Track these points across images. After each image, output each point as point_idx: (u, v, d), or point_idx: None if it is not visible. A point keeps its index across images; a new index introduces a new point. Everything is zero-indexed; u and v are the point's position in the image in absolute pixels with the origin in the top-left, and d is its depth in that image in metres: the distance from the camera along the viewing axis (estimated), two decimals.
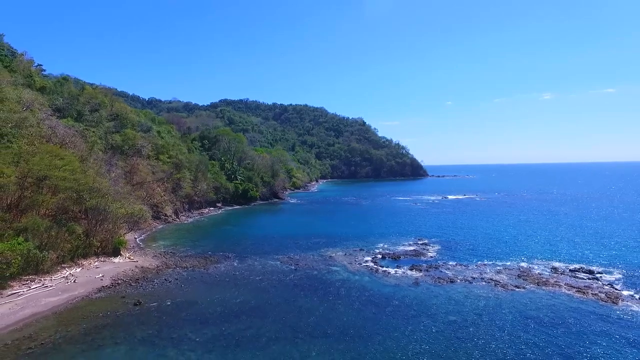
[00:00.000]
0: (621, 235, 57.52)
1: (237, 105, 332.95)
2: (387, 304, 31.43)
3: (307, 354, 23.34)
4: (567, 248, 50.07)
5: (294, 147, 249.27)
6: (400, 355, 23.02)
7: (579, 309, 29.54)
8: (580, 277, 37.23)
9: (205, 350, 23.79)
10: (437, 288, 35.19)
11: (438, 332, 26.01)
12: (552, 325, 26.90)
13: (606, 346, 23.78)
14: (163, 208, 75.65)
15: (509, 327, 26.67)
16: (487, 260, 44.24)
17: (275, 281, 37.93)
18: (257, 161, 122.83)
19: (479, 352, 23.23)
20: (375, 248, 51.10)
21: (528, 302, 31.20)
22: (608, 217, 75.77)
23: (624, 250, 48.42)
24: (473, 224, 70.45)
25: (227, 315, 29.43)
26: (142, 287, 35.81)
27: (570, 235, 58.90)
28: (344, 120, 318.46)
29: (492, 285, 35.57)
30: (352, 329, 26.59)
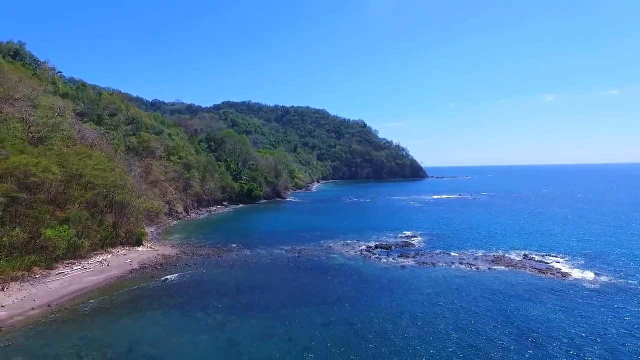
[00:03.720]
0: (590, 230, 63.04)
1: (240, 107, 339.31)
2: (376, 281, 37.19)
3: (308, 315, 29.04)
4: (541, 240, 55.65)
5: (295, 149, 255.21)
6: (384, 315, 28.73)
7: (534, 284, 35.31)
8: (545, 262, 42.91)
9: (227, 313, 29.55)
10: (420, 270, 40.92)
11: (417, 301, 31.74)
12: (508, 294, 32.62)
13: (546, 308, 29.39)
14: (175, 205, 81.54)
15: (474, 296, 32.41)
16: (468, 249, 49.90)
17: (281, 265, 43.75)
18: (261, 162, 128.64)
19: (449, 314, 28.92)
20: (370, 240, 56.76)
21: (494, 279, 36.95)
22: (583, 215, 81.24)
23: (589, 242, 53.95)
24: (460, 220, 76.19)
25: (241, 289, 35.19)
26: (166, 270, 41.61)
27: (546, 229, 64.43)
28: (345, 122, 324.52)
29: (468, 267, 41.30)
30: (345, 299, 32.36)
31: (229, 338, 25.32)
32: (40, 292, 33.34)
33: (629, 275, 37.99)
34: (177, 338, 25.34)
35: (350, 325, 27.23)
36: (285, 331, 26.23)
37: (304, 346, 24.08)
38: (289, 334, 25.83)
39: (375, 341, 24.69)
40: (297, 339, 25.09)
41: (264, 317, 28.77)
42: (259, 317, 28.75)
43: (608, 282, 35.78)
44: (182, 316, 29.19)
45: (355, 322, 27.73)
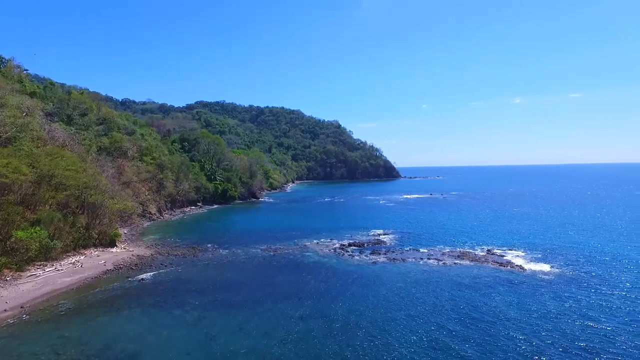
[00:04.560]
0: (547, 227, 67.17)
1: (214, 107, 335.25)
2: (348, 276, 38.83)
3: (284, 310, 30.27)
4: (503, 236, 58.99)
5: (270, 149, 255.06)
6: (357, 308, 30.31)
7: (495, 276, 37.88)
8: (505, 256, 45.82)
9: (204, 310, 30.37)
10: (391, 266, 42.88)
11: (387, 294, 33.53)
12: (471, 286, 34.95)
13: (504, 298, 31.79)
14: (148, 206, 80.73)
15: (440, 288, 34.55)
16: (436, 246, 52.38)
17: (257, 264, 44.74)
18: (235, 162, 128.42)
19: (416, 304, 30.80)
20: (343, 238, 58.44)
21: (459, 272, 39.33)
22: (542, 212, 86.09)
23: (546, 237, 57.64)
24: (430, 218, 79.27)
25: (218, 287, 36.00)
26: (142, 270, 41.79)
27: (508, 226, 68.14)
28: (319, 122, 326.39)
29: (435, 263, 43.60)
30: (320, 294, 33.78)
31: (207, 333, 26.23)
32: (12, 294, 33.05)
33: (578, 266, 41.21)
34: (155, 334, 26.02)
35: (324, 317, 28.65)
36: (262, 325, 27.35)
37: (280, 339, 25.29)
38: (265, 328, 26.97)
39: (348, 332, 26.18)
40: (273, 332, 26.26)
41: (240, 313, 29.77)
42: (236, 313, 29.73)
43: (560, 273, 38.79)
44: (160, 314, 29.80)
45: (329, 315, 29.17)
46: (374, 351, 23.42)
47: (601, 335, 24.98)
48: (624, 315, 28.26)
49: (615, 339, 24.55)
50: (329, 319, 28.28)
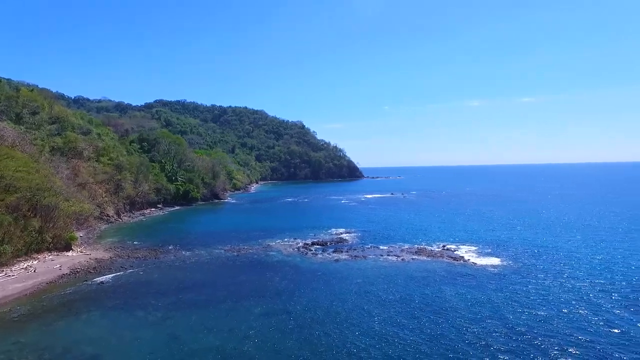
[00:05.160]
0: (498, 223, 71.64)
1: (174, 106, 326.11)
2: (312, 274, 39.93)
3: (248, 308, 30.87)
4: (458, 232, 62.37)
5: (233, 150, 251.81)
6: (319, 304, 31.43)
7: (449, 270, 40.36)
8: (459, 251, 48.69)
9: (167, 310, 30.39)
10: (352, 263, 44.42)
11: (348, 289, 34.92)
12: (427, 279, 37.11)
13: (456, 289, 34.07)
14: (105, 209, 78.05)
15: (398, 282, 36.42)
16: (395, 243, 54.59)
17: (220, 264, 44.90)
18: (198, 163, 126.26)
19: (375, 298, 32.36)
20: (307, 238, 59.48)
21: (416, 267, 41.52)
22: (494, 210, 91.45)
23: (496, 233, 61.58)
24: (390, 216, 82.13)
25: (181, 288, 35.96)
26: (100, 273, 40.83)
27: (463, 223, 71.97)
28: (283, 123, 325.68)
29: (394, 259, 45.63)
30: (283, 291, 34.64)
31: (170, 333, 26.40)
32: None
33: (524, 259, 44.57)
34: (117, 336, 25.86)
35: (288, 314, 29.55)
36: (226, 323, 27.85)
37: (244, 335, 25.92)
38: (229, 325, 27.49)
39: (310, 326, 27.22)
40: (237, 329, 26.85)
41: (204, 312, 30.07)
42: (200, 312, 30.00)
43: (507, 266, 41.85)
44: (121, 316, 29.52)
45: (292, 311, 30.09)
46: (331, 344, 24.54)
47: (538, 321, 27.48)
48: (560, 303, 31.06)
49: (550, 323, 27.08)
50: (291, 315, 29.20)
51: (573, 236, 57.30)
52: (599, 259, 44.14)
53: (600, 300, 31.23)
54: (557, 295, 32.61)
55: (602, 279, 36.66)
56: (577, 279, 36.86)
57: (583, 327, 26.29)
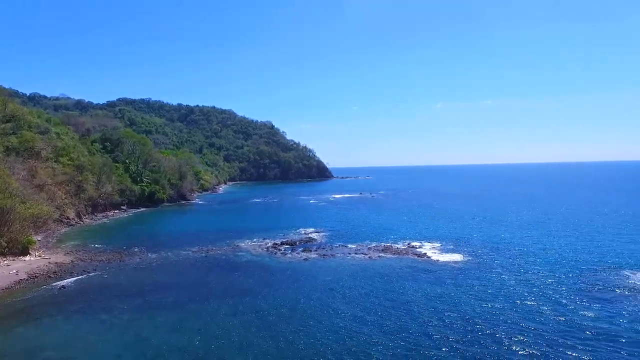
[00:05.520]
0: (461, 221, 74.78)
1: (138, 104, 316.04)
2: (281, 273, 40.45)
3: (217, 308, 31.00)
4: (423, 230, 64.68)
5: (201, 150, 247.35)
6: (288, 302, 32.00)
7: (414, 266, 42.04)
8: (424, 248, 50.66)
9: (133, 313, 30.02)
10: (321, 262, 45.27)
11: (316, 287, 35.69)
12: (392, 276, 38.54)
13: (420, 285, 35.62)
14: (66, 211, 75.13)
15: (365, 279, 37.60)
16: (363, 242, 55.93)
17: (188, 265, 44.55)
18: (164, 163, 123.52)
19: (342, 295, 33.29)
20: (276, 238, 59.80)
21: (382, 264, 42.93)
22: (458, 208, 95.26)
23: (459, 230, 64.32)
24: (358, 216, 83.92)
25: (147, 290, 35.52)
26: (62, 277, 39.57)
27: (428, 221, 74.61)
28: (252, 123, 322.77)
29: (362, 257, 46.90)
30: (252, 290, 34.97)
31: (138, 335, 26.19)
32: None
33: (483, 255, 46.95)
34: (81, 340, 25.40)
35: (257, 312, 29.94)
36: (194, 323, 27.91)
37: (213, 334, 26.10)
38: (197, 325, 27.57)
39: (280, 324, 27.71)
40: (206, 329, 26.99)
41: (173, 313, 29.94)
42: (167, 314, 29.85)
43: (468, 261, 44.01)
44: (85, 320, 28.92)
45: (261, 309, 30.50)
46: (297, 340, 25.06)
47: (493, 313, 29.20)
48: (514, 295, 33.06)
49: (505, 314, 28.83)
50: (261, 314, 29.61)
51: (529, 232, 60.70)
52: (550, 253, 47.11)
53: (549, 292, 33.55)
54: (512, 288, 34.69)
55: (553, 272, 39.26)
56: (530, 273, 39.29)
57: (533, 317, 28.21)
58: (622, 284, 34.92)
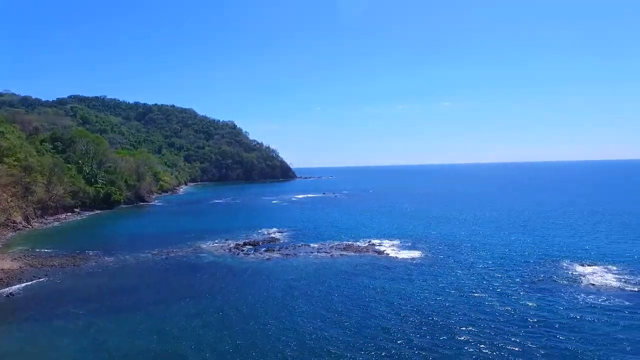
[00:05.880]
0: (420, 219, 77.80)
1: (92, 102, 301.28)
2: (244, 273, 40.61)
3: (179, 309, 30.80)
4: (383, 229, 66.69)
5: (160, 150, 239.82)
6: (251, 301, 32.32)
7: (373, 263, 43.55)
8: (383, 246, 52.44)
9: (91, 317, 29.21)
10: (284, 261, 45.79)
11: (279, 286, 36.22)
12: (353, 273, 39.83)
13: (379, 280, 37.06)
14: (11, 214, 70.86)
15: (326, 276, 38.60)
16: (325, 241, 56.92)
17: (148, 268, 43.66)
18: (120, 164, 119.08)
19: (304, 292, 34.01)
20: (239, 238, 59.57)
21: (344, 262, 44.11)
22: (418, 207, 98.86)
23: (417, 228, 66.94)
24: (321, 215, 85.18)
25: (105, 294, 34.60)
26: (9, 284, 37.61)
27: (387, 220, 76.98)
28: (214, 122, 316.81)
29: (324, 255, 47.89)
30: (215, 291, 34.98)
31: (96, 339, 25.62)
32: None
33: (439, 251, 49.29)
34: (34, 346, 24.56)
35: (220, 312, 30.05)
36: (156, 325, 27.62)
37: (175, 335, 26.00)
38: (159, 327, 27.32)
39: (241, 323, 28.00)
40: (168, 330, 26.81)
41: (132, 316, 29.46)
42: (128, 317, 29.34)
43: (425, 257, 46.08)
44: (37, 327, 27.86)
45: (224, 309, 30.62)
46: (261, 340, 25.45)
47: (447, 306, 30.89)
48: (467, 289, 35.03)
49: (457, 307, 30.58)
50: (224, 314, 29.75)
51: (481, 229, 64.10)
52: (500, 248, 50.14)
53: (497, 284, 35.92)
54: (464, 282, 36.80)
55: (501, 266, 41.95)
56: (480, 267, 41.74)
57: (482, 308, 30.18)
58: (561, 275, 38.00)
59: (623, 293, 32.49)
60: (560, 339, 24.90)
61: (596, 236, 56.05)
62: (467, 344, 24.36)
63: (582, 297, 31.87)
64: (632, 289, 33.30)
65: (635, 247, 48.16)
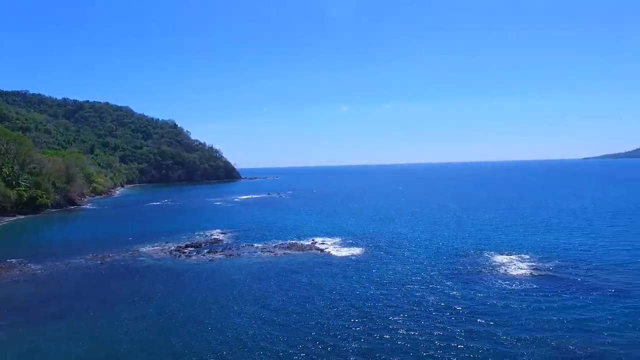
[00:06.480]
0: (364, 217, 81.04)
1: (12, 97, 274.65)
2: (185, 275, 40.20)
3: (116, 314, 29.98)
4: (325, 227, 68.69)
5: (93, 150, 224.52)
6: (192, 302, 32.24)
7: (315, 260, 45.13)
8: (326, 244, 54.27)
9: (17, 327, 27.51)
10: (227, 261, 45.85)
11: (222, 286, 36.43)
12: (295, 270, 41.03)
13: (319, 276, 38.60)
14: None
15: (269, 274, 39.48)
16: (269, 240, 57.56)
17: (82, 274, 41.66)
18: (47, 165, 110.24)
19: (247, 290, 34.56)
20: (180, 241, 58.32)
21: (287, 261, 45.20)
22: (359, 207, 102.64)
23: (358, 226, 69.81)
24: (265, 215, 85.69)
25: (34, 303, 32.74)
26: None
27: (330, 218, 79.28)
28: (153, 121, 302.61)
29: (268, 254, 48.61)
30: (155, 294, 34.37)
31: (24, 348, 24.34)
32: None
33: (379, 248, 51.94)
34: None
35: (161, 315, 29.70)
36: (92, 331, 26.78)
37: (113, 340, 25.39)
38: (96, 332, 26.54)
39: (183, 325, 27.89)
40: (104, 335, 26.10)
41: (66, 323, 28.27)
42: (60, 324, 28.11)
43: (365, 254, 48.45)
44: None
45: (165, 312, 30.29)
46: (203, 340, 25.66)
47: (383, 298, 32.90)
48: (403, 282, 37.43)
49: (394, 299, 32.70)
50: (165, 317, 29.45)
51: (419, 226, 68.21)
52: (435, 242, 53.86)
53: (430, 276, 38.77)
54: (399, 276, 39.18)
55: (436, 259, 45.17)
56: (416, 261, 44.62)
57: (414, 299, 32.48)
58: (484, 265, 41.97)
59: (533, 278, 36.81)
60: (480, 322, 27.75)
61: (515, 229, 62.17)
62: (398, 331, 26.37)
63: (499, 283, 35.67)
64: (540, 274, 37.83)
65: (547, 238, 54.25)
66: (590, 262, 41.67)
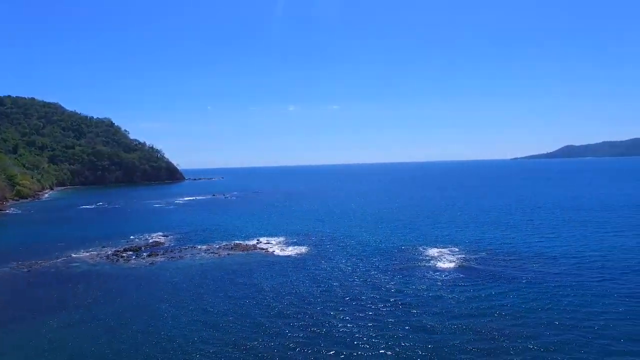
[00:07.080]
0: (309, 217, 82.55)
1: None
2: (124, 280, 38.99)
3: (46, 322, 28.52)
4: (271, 228, 69.15)
5: (16, 150, 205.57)
6: (130, 308, 31.46)
7: (259, 260, 45.68)
8: (270, 243, 54.93)
9: None
10: (169, 264, 44.94)
11: (163, 288, 35.85)
12: (238, 270, 41.34)
13: (262, 275, 39.28)
14: None
15: (213, 276, 39.42)
16: (213, 242, 56.94)
17: (7, 283, 39.20)
18: None
19: (190, 293, 34.31)
20: (118, 245, 55.96)
21: (230, 261, 45.30)
22: (307, 206, 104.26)
23: (303, 226, 71.14)
24: (209, 217, 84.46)
25: None
26: None
27: (275, 219, 79.96)
28: (87, 119, 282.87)
29: (211, 256, 48.29)
30: (91, 300, 33.11)
31: None
32: None
33: (323, 246, 53.41)
34: None
35: (96, 321, 28.72)
36: (17, 340, 25.48)
37: (42, 349, 24.32)
38: (23, 342, 25.22)
39: (121, 329, 27.22)
40: (32, 345, 24.91)
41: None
42: None
43: (308, 252, 49.70)
44: None
45: (103, 318, 29.30)
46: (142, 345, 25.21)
47: (325, 294, 34.29)
48: (344, 277, 39.10)
49: (334, 293, 34.21)
50: (103, 322, 28.52)
51: (363, 224, 70.78)
52: (377, 239, 56.47)
53: (367, 271, 40.85)
54: (342, 272, 40.87)
55: (377, 255, 47.43)
56: (358, 257, 46.54)
57: (356, 293, 34.08)
58: (418, 259, 44.95)
59: (460, 269, 40.18)
60: (413, 312, 29.92)
61: (449, 225, 66.82)
62: (336, 325, 27.63)
63: (431, 274, 38.60)
64: (467, 265, 41.36)
65: (475, 233, 59.00)
66: (511, 253, 46.19)
